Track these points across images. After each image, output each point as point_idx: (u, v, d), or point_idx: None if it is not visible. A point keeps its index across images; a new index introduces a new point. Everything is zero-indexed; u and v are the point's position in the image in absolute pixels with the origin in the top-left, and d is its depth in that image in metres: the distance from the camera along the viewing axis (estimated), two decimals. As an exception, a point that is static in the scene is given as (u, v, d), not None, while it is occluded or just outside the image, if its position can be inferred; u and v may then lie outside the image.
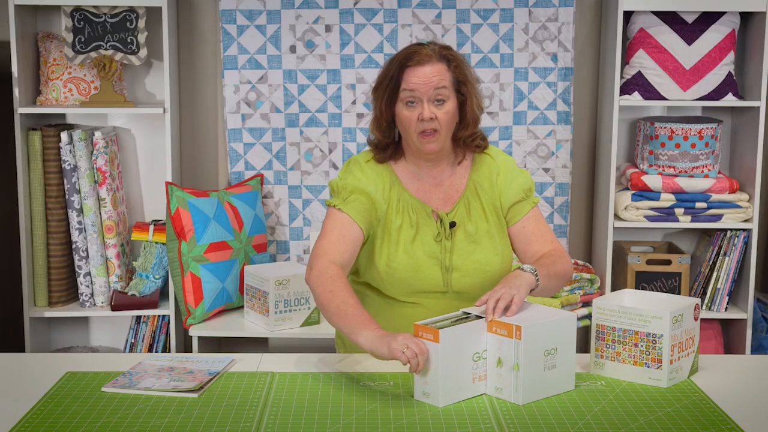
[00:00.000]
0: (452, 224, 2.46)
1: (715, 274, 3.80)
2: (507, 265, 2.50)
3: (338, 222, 2.42)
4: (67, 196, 3.65)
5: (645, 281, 3.78)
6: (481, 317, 2.20)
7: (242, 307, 3.68)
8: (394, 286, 2.46)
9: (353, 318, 2.24)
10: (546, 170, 3.97)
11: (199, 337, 3.55)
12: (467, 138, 2.47)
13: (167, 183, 3.57)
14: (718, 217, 3.77)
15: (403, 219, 2.45)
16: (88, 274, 3.71)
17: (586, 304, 3.73)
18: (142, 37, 3.68)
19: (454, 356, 2.13)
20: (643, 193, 3.76)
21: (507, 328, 2.15)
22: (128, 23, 3.66)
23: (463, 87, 2.42)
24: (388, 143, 2.48)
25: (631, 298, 2.45)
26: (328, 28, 3.85)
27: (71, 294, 3.78)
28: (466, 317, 2.22)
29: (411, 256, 2.43)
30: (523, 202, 2.51)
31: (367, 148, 2.55)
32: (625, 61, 3.82)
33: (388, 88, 2.39)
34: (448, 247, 2.45)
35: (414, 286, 2.44)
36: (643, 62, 3.74)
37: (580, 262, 3.76)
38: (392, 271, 2.43)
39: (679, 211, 3.75)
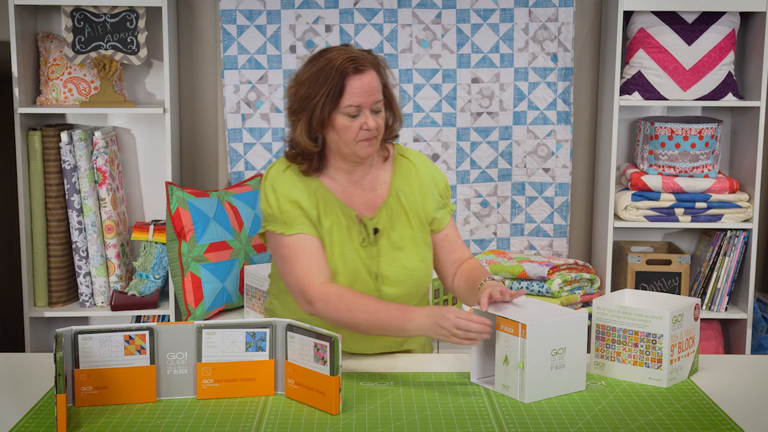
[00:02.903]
0: (375, 230, 2.41)
1: (715, 274, 3.80)
2: (430, 270, 2.48)
3: (294, 245, 2.35)
4: (67, 196, 3.65)
5: (645, 281, 3.78)
6: None
7: (242, 307, 3.68)
8: None
9: (389, 317, 2.25)
10: (546, 170, 3.96)
11: (199, 337, 3.54)
12: (390, 136, 2.47)
13: (167, 183, 3.57)
14: (718, 217, 3.77)
15: (332, 222, 2.39)
16: (88, 274, 3.71)
17: (586, 304, 3.72)
18: (142, 37, 3.68)
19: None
20: (643, 193, 3.76)
21: (513, 326, 2.15)
22: (128, 23, 3.66)
23: (387, 90, 2.40)
24: (313, 153, 2.39)
25: (631, 298, 2.45)
26: (328, 28, 3.84)
27: (71, 294, 3.78)
28: None
29: (346, 259, 2.38)
30: (445, 210, 2.51)
31: (276, 159, 2.50)
32: (625, 61, 3.82)
33: (329, 98, 2.30)
34: (374, 254, 2.41)
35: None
36: (643, 62, 3.74)
37: (580, 262, 3.76)
38: (333, 276, 2.37)
39: (679, 211, 3.75)
